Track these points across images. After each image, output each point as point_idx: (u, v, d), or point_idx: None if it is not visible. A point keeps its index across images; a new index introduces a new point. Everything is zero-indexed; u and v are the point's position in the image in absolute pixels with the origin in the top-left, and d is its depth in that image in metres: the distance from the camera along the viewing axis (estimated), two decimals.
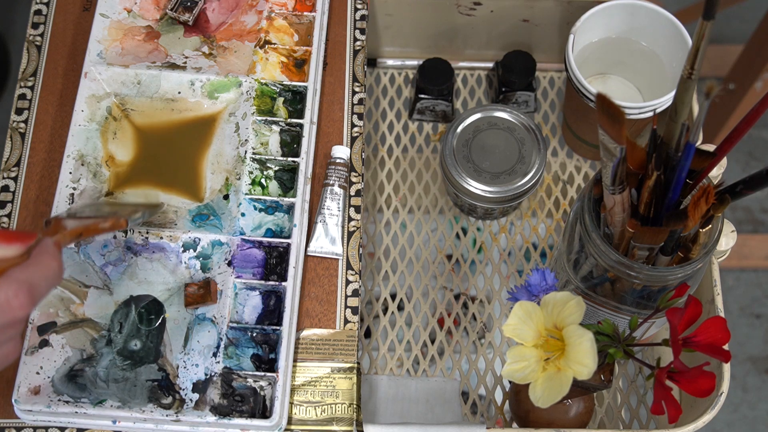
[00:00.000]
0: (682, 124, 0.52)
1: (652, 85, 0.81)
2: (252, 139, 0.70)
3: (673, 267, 0.58)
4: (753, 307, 1.58)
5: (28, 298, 0.44)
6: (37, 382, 0.62)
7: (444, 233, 0.85)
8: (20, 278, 0.44)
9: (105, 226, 0.57)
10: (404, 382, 0.77)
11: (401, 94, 0.91)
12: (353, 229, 0.71)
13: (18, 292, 0.44)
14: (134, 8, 0.76)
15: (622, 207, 0.56)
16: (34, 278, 0.45)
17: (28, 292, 0.44)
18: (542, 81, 0.91)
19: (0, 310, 0.43)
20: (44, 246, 0.48)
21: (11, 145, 0.73)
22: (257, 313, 0.67)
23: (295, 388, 0.66)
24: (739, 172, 1.64)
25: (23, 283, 0.44)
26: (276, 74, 0.74)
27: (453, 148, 0.78)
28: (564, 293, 0.55)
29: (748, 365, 1.53)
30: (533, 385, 0.55)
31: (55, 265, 0.47)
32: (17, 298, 0.44)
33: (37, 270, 0.46)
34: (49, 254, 0.47)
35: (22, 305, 0.44)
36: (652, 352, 0.78)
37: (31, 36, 0.77)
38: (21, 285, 0.44)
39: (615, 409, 0.77)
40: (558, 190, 0.86)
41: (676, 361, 0.52)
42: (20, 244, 0.46)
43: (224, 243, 0.67)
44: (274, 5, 0.76)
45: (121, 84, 0.72)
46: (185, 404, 0.62)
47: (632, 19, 0.78)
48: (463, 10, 0.86)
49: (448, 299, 0.82)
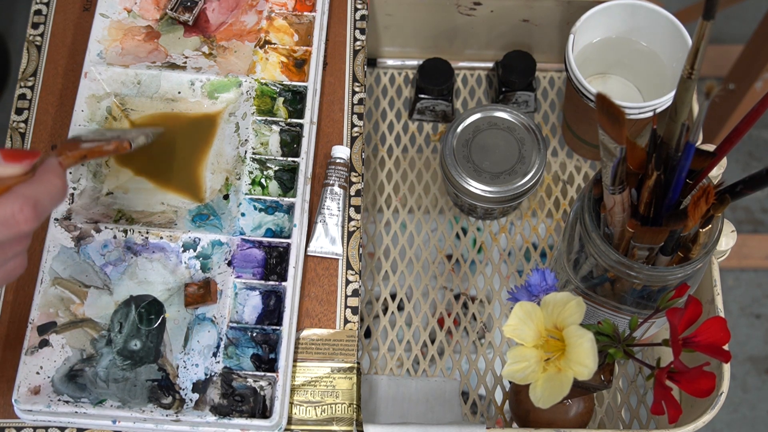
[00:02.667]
0: (682, 124, 0.52)
1: (652, 85, 0.81)
2: (252, 139, 0.70)
3: (673, 267, 0.58)
4: (753, 307, 1.58)
5: (33, 212, 0.45)
6: (37, 382, 0.62)
7: (444, 233, 0.85)
8: (25, 194, 0.45)
9: (109, 149, 0.58)
10: (404, 382, 0.77)
11: (401, 94, 0.91)
12: (353, 229, 0.71)
13: (23, 206, 0.45)
14: (134, 8, 0.76)
15: (622, 207, 0.56)
16: (39, 194, 0.46)
17: (33, 207, 0.45)
18: (542, 81, 0.91)
19: (6, 225, 0.44)
20: (49, 164, 0.48)
21: (11, 145, 0.73)
22: (257, 313, 0.67)
23: (295, 388, 0.66)
24: (739, 172, 1.64)
25: (28, 198, 0.45)
26: (276, 74, 0.74)
27: (453, 148, 0.78)
28: (564, 293, 0.55)
29: (748, 365, 1.54)
30: (533, 386, 0.54)
31: (60, 183, 0.48)
32: (22, 213, 0.45)
33: (41, 186, 0.46)
34: (53, 172, 0.48)
35: (27, 219, 0.45)
36: (652, 352, 0.78)
37: (31, 36, 0.77)
38: (26, 200, 0.45)
39: (615, 409, 0.77)
40: (558, 190, 0.86)
41: (676, 361, 0.52)
42: (25, 162, 0.47)
43: (224, 243, 0.67)
44: (274, 5, 0.76)
45: (121, 84, 0.72)
46: (185, 404, 0.62)
47: (632, 19, 0.78)
48: (463, 10, 0.86)
49: (448, 299, 0.82)
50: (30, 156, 0.48)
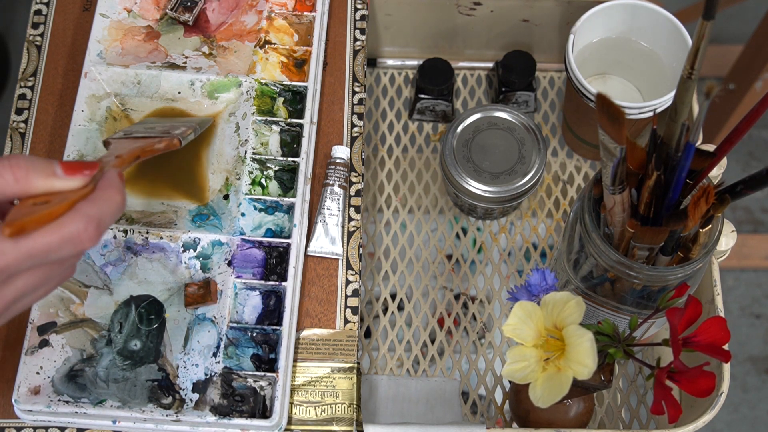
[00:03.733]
0: (682, 124, 0.52)
1: (652, 85, 0.81)
2: (252, 139, 0.70)
3: (673, 267, 0.58)
4: (753, 307, 1.58)
5: (96, 232, 0.47)
6: (37, 382, 0.62)
7: (444, 233, 0.85)
8: (89, 213, 0.47)
9: (160, 146, 0.59)
10: (404, 382, 0.77)
11: (401, 94, 0.91)
12: (353, 229, 0.71)
13: (88, 226, 0.46)
14: (134, 8, 0.76)
15: (622, 207, 0.56)
16: (102, 213, 0.47)
17: (96, 226, 0.47)
18: (542, 81, 0.91)
19: (71, 243, 0.46)
20: (110, 179, 0.49)
21: (11, 145, 0.73)
22: (257, 313, 0.67)
23: (295, 388, 0.66)
24: (739, 172, 1.64)
25: (92, 218, 0.46)
26: (276, 74, 0.74)
27: (453, 148, 0.78)
28: (564, 293, 0.55)
29: (748, 365, 1.54)
30: (533, 385, 0.55)
31: (120, 199, 0.49)
32: (86, 232, 0.46)
33: (104, 205, 0.48)
34: (114, 188, 0.49)
35: (91, 238, 0.47)
36: (652, 352, 0.78)
37: (31, 36, 0.77)
38: (90, 220, 0.46)
39: (615, 409, 0.77)
40: (558, 190, 0.86)
41: (676, 361, 0.52)
42: (85, 174, 0.48)
43: (224, 243, 0.67)
44: (274, 5, 0.76)
45: (121, 84, 0.72)
46: (185, 404, 0.62)
47: (632, 19, 0.78)
48: (463, 10, 0.86)
49: (448, 299, 0.82)
50: (89, 167, 0.48)
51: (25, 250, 0.45)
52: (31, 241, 0.45)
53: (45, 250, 0.45)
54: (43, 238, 0.45)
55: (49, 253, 0.46)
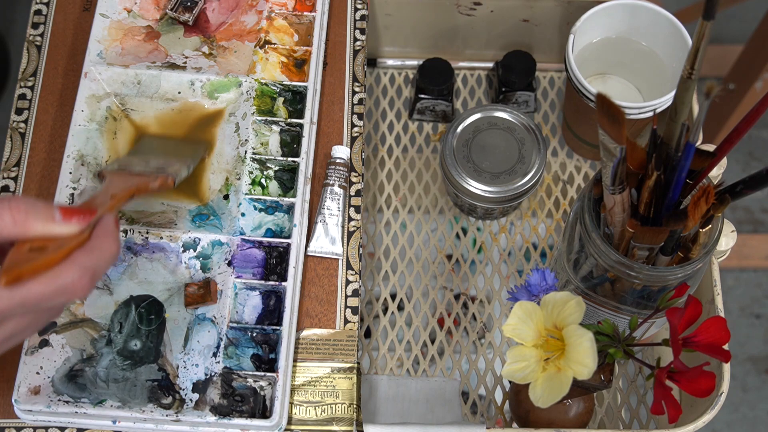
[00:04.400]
0: (682, 124, 0.52)
1: (652, 85, 0.81)
2: (252, 139, 0.70)
3: (673, 267, 0.58)
4: (753, 307, 1.58)
5: (90, 282, 0.48)
6: (37, 382, 0.62)
7: (444, 233, 0.85)
8: (85, 264, 0.47)
9: (154, 186, 0.59)
10: (404, 382, 0.77)
11: (401, 94, 0.91)
12: (353, 229, 0.71)
13: (82, 277, 0.47)
14: (134, 8, 0.76)
15: (622, 207, 0.56)
16: (97, 264, 0.48)
17: (91, 277, 0.48)
18: (542, 81, 0.91)
19: (65, 293, 0.47)
20: (106, 227, 0.50)
21: (11, 145, 0.73)
22: (257, 313, 0.67)
23: (295, 388, 0.66)
24: (739, 172, 1.64)
25: (87, 269, 0.47)
26: (276, 74, 0.74)
27: (453, 148, 0.78)
28: (564, 293, 0.55)
29: (748, 365, 1.54)
30: (533, 385, 0.55)
31: (115, 249, 0.50)
32: (80, 282, 0.47)
33: (100, 255, 0.48)
34: (110, 237, 0.49)
35: (84, 288, 0.47)
36: (652, 352, 0.78)
37: (31, 36, 0.77)
38: (85, 271, 0.47)
39: (615, 409, 0.77)
40: (558, 190, 0.86)
41: (676, 361, 0.52)
42: (82, 221, 0.48)
43: (224, 243, 0.67)
44: (274, 5, 0.76)
45: (121, 84, 0.72)
46: (185, 404, 0.62)
47: (632, 19, 0.78)
48: (463, 10, 0.86)
49: (448, 299, 0.82)
50: (86, 213, 0.49)
51: (18, 298, 0.45)
52: (25, 290, 0.45)
53: (38, 299, 0.46)
54: (38, 288, 0.46)
55: (42, 302, 0.46)
